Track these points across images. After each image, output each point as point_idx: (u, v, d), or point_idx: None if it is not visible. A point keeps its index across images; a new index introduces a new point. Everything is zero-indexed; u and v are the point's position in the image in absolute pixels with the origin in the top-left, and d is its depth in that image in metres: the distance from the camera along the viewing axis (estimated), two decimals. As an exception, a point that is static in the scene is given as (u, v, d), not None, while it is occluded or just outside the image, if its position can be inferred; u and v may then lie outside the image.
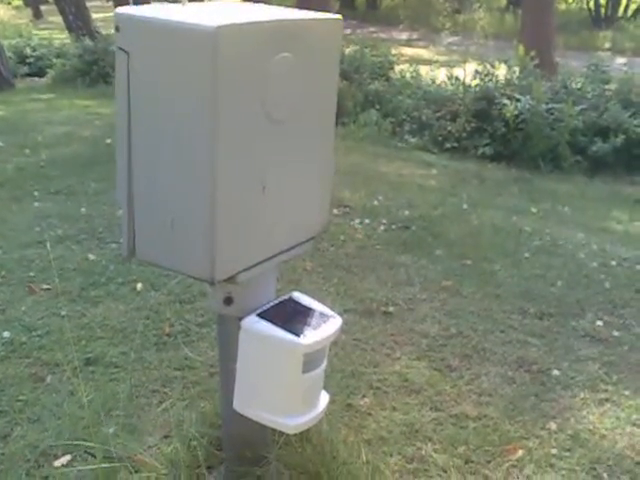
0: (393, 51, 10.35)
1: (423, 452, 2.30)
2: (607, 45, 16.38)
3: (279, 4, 2.58)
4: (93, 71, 10.23)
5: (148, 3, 12.57)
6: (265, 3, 1.80)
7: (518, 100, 7.11)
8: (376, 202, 4.96)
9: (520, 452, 2.33)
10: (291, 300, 1.77)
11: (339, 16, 1.59)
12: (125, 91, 1.47)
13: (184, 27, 1.37)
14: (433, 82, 8.54)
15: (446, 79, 8.36)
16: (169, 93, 1.42)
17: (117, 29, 1.46)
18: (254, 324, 1.65)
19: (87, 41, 11.14)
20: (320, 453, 2.03)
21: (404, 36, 17.96)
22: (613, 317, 3.39)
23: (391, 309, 3.31)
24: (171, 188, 1.48)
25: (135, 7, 1.53)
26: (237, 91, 1.39)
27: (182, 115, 1.41)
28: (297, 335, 1.60)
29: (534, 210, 5.29)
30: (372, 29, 19.05)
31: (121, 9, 1.47)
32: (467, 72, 8.11)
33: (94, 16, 13.78)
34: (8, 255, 3.71)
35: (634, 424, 2.54)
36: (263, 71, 1.41)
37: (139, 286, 3.34)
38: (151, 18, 1.44)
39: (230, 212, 1.46)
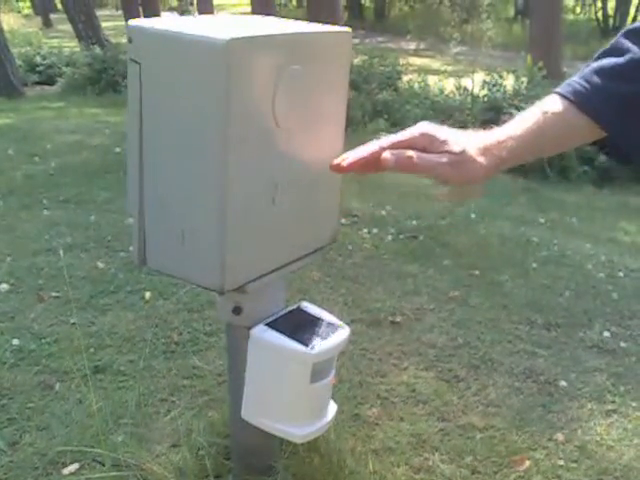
0: (401, 61, 10.39)
1: (430, 462, 2.30)
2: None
3: (286, 15, 2.60)
4: (102, 80, 10.29)
5: (158, 15, 12.66)
6: (274, 15, 1.81)
7: (526, 110, 7.12)
8: (384, 212, 4.97)
9: (527, 463, 2.33)
10: (300, 310, 1.77)
11: (349, 29, 1.60)
12: (137, 101, 1.48)
13: (196, 39, 1.38)
14: (441, 92, 8.56)
15: (454, 89, 8.38)
16: (181, 104, 1.44)
17: (130, 40, 1.47)
18: (263, 333, 1.66)
19: (97, 50, 11.22)
20: (327, 463, 2.03)
21: (412, 46, 18.00)
22: (620, 328, 3.39)
23: (399, 319, 3.31)
24: (182, 198, 1.49)
25: (148, 19, 1.55)
26: (248, 103, 1.40)
27: (193, 126, 1.43)
28: (306, 345, 1.61)
29: (542, 220, 5.29)
30: (380, 39, 19.13)
31: (134, 21, 1.49)
32: (475, 82, 8.13)
33: (103, 25, 13.88)
34: (17, 263, 3.73)
35: (642, 436, 2.54)
36: (274, 83, 1.42)
37: (147, 295, 3.36)
38: (163, 30, 1.45)
39: (240, 223, 1.47)
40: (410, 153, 1.00)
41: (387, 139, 1.03)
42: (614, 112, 1.03)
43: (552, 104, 1.06)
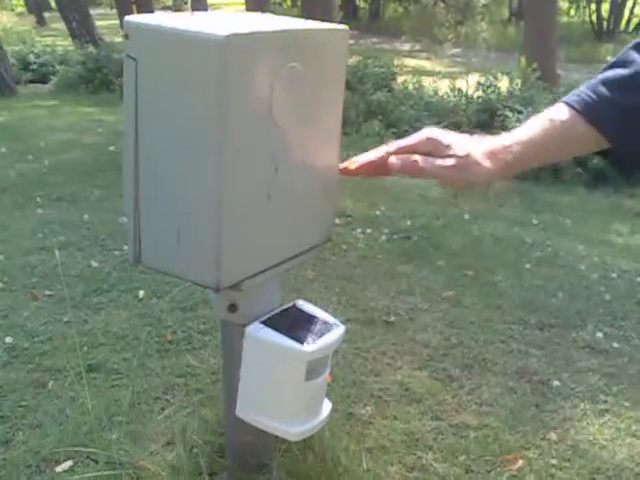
0: (396, 62, 10.39)
1: (424, 461, 2.31)
2: (609, 58, 16.32)
3: (283, 14, 2.60)
4: (96, 78, 10.26)
5: (152, 12, 12.65)
6: (270, 13, 1.81)
7: (520, 112, 7.13)
8: (378, 212, 4.97)
9: (520, 462, 2.34)
10: (295, 308, 1.77)
11: (346, 27, 1.60)
12: (133, 98, 1.48)
13: (193, 36, 1.38)
14: (435, 93, 8.57)
15: (448, 90, 8.39)
16: (177, 101, 1.43)
17: (126, 37, 1.46)
18: (258, 331, 1.66)
19: (90, 48, 11.21)
20: (322, 461, 2.03)
21: (407, 47, 18.01)
22: (613, 329, 3.40)
23: (392, 319, 3.32)
24: (177, 195, 1.49)
25: (145, 15, 1.54)
26: (245, 100, 1.40)
27: (189, 123, 1.42)
28: (301, 342, 1.61)
29: (535, 221, 5.30)
30: (375, 40, 19.12)
31: (130, 17, 1.48)
32: (469, 84, 8.14)
33: (97, 24, 13.85)
34: (10, 261, 3.72)
35: (634, 435, 2.55)
36: (271, 80, 1.42)
37: (141, 293, 3.35)
38: (159, 27, 1.45)
39: (236, 220, 1.47)
40: (415, 157, 1.02)
41: (393, 144, 1.06)
42: (619, 124, 1.04)
43: (559, 112, 1.07)
